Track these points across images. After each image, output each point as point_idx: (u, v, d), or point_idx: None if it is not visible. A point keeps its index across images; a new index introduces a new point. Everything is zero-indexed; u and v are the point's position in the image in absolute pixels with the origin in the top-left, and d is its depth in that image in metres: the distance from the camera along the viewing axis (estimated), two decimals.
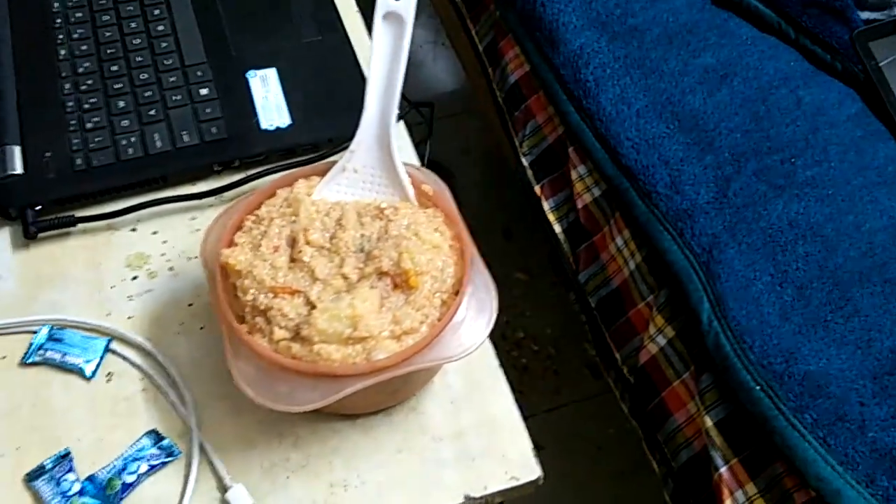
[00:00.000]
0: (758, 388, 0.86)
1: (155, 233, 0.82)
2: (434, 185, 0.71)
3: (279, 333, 0.63)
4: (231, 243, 0.68)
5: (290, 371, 0.62)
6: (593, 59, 1.13)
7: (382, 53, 0.68)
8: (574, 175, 1.13)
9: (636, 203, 1.03)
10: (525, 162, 1.22)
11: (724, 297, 0.92)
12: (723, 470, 0.88)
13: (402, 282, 0.65)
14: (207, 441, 0.70)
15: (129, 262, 0.80)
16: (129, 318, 0.77)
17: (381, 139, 0.70)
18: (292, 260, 0.66)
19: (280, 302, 0.64)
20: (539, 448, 0.70)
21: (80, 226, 0.81)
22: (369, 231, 0.67)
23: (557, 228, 1.17)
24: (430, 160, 1.52)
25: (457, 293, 0.66)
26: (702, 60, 1.12)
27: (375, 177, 0.71)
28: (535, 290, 1.66)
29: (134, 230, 0.82)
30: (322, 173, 0.71)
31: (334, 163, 0.71)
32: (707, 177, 1.02)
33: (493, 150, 1.60)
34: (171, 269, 0.79)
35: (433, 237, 0.67)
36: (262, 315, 0.65)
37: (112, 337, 0.75)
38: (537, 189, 1.20)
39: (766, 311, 0.90)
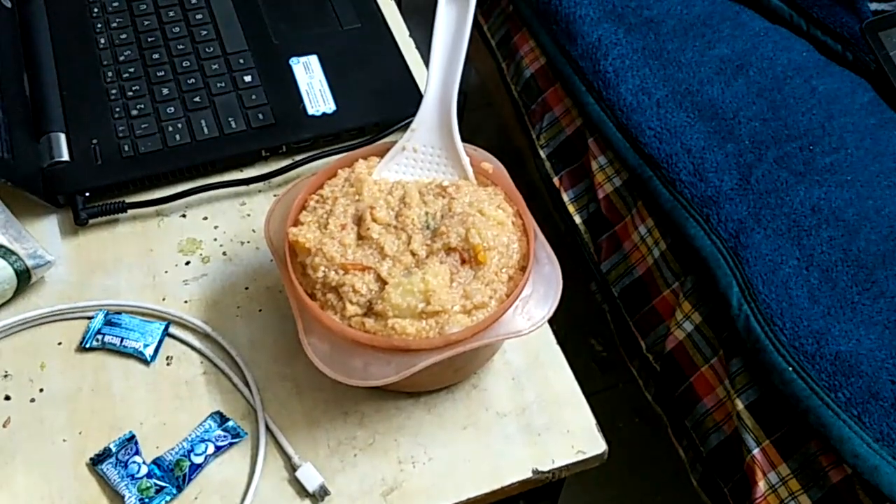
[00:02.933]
0: (790, 369, 0.88)
1: (205, 218, 0.82)
2: (493, 163, 0.72)
3: (351, 309, 0.64)
4: (297, 222, 0.69)
5: (364, 346, 0.63)
6: (612, 51, 1.15)
7: (445, 33, 0.69)
8: (594, 165, 1.14)
9: (661, 191, 1.04)
10: (543, 154, 1.23)
11: (753, 282, 0.94)
12: (755, 452, 0.90)
13: (470, 257, 0.65)
14: (272, 421, 0.70)
15: (181, 247, 0.80)
16: (185, 301, 0.77)
17: (443, 118, 0.71)
18: (360, 237, 0.67)
19: (351, 278, 0.65)
20: None
21: (130, 212, 0.81)
22: (433, 209, 0.68)
23: (578, 219, 1.18)
24: None
25: (523, 269, 0.67)
26: (717, 51, 1.14)
27: (435, 156, 0.71)
28: None
29: (184, 216, 0.82)
30: (381, 154, 0.72)
31: (392, 143, 0.72)
32: (729, 164, 1.03)
33: (504, 147, 1.61)
34: (224, 253, 0.80)
35: (497, 214, 0.68)
36: (333, 292, 0.65)
37: (170, 321, 0.75)
38: (556, 181, 1.21)
39: (794, 294, 0.92)
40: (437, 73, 0.70)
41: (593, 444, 0.69)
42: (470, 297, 0.64)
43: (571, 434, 0.70)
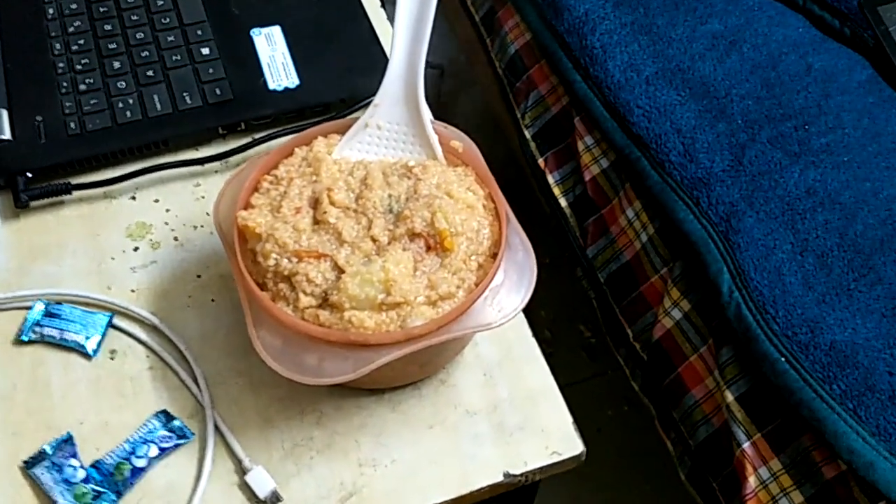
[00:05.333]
0: (782, 359, 0.83)
1: (156, 201, 0.76)
2: (463, 141, 0.67)
3: (305, 300, 0.59)
4: (248, 205, 0.63)
5: (319, 340, 0.58)
6: (599, 26, 1.10)
7: None
8: (580, 146, 1.10)
9: (649, 173, 1.00)
10: (528, 134, 1.19)
11: (745, 268, 0.89)
12: (745, 446, 0.86)
13: (436, 244, 0.60)
14: (222, 421, 0.65)
15: (129, 232, 0.74)
16: (132, 291, 0.71)
17: (408, 92, 0.65)
18: (316, 222, 0.62)
19: (305, 267, 0.59)
20: None
21: (76, 193, 0.76)
22: (397, 191, 0.63)
23: (563, 202, 1.13)
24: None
25: (494, 256, 0.61)
26: (709, 27, 1.09)
27: (401, 133, 0.66)
28: None
29: (133, 198, 0.77)
30: (342, 131, 0.67)
31: (355, 120, 0.66)
32: (721, 144, 0.99)
33: (487, 126, 1.56)
34: (175, 238, 0.74)
35: (466, 196, 0.63)
36: (285, 281, 0.60)
37: (114, 312, 0.70)
38: (541, 162, 1.16)
39: (788, 281, 0.88)
40: (403, 42, 0.65)
41: (570, 444, 0.64)
42: (435, 286, 0.59)
43: (546, 434, 0.65)
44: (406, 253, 0.59)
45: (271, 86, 0.81)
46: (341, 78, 0.82)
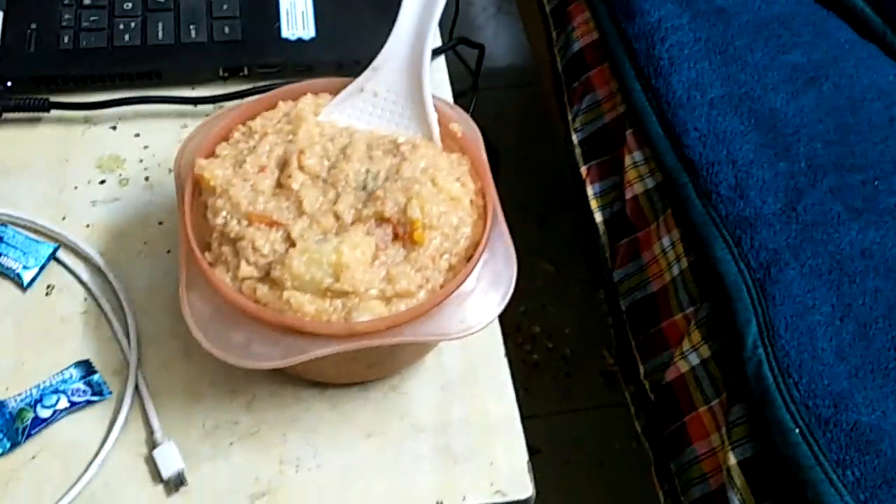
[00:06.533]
0: (797, 430, 0.76)
1: (137, 135, 0.71)
2: (465, 125, 0.59)
3: (246, 270, 0.52)
4: (212, 154, 0.57)
5: (250, 317, 0.51)
6: (671, 36, 1.02)
7: None
8: (628, 161, 1.03)
9: (693, 202, 0.92)
10: (575, 139, 1.12)
11: (776, 323, 0.82)
12: None
13: (404, 233, 0.53)
14: (145, 385, 0.59)
15: (100, 162, 0.69)
16: (86, 225, 0.66)
17: (413, 60, 0.58)
18: (279, 185, 0.55)
19: (254, 232, 0.53)
20: (535, 452, 0.59)
21: (54, 112, 0.71)
22: (377, 167, 0.56)
23: (598, 217, 1.06)
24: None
25: (469, 258, 0.54)
26: (791, 57, 1.01)
27: (397, 105, 0.59)
28: (560, 285, 1.55)
29: (114, 128, 0.71)
30: (335, 91, 0.60)
31: (350, 81, 0.59)
32: (777, 185, 0.91)
33: (543, 131, 1.49)
34: (146, 178, 0.68)
35: (452, 187, 0.55)
36: (230, 244, 0.53)
37: (61, 244, 0.64)
38: (583, 170, 1.09)
39: (820, 346, 0.80)
40: (413, 3, 0.57)
41: (518, 486, 0.56)
42: (393, 281, 0.52)
43: (495, 468, 0.57)
44: (368, 238, 0.52)
45: (284, 34, 0.75)
46: (361, 39, 0.75)
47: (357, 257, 0.51)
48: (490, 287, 0.54)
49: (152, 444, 0.56)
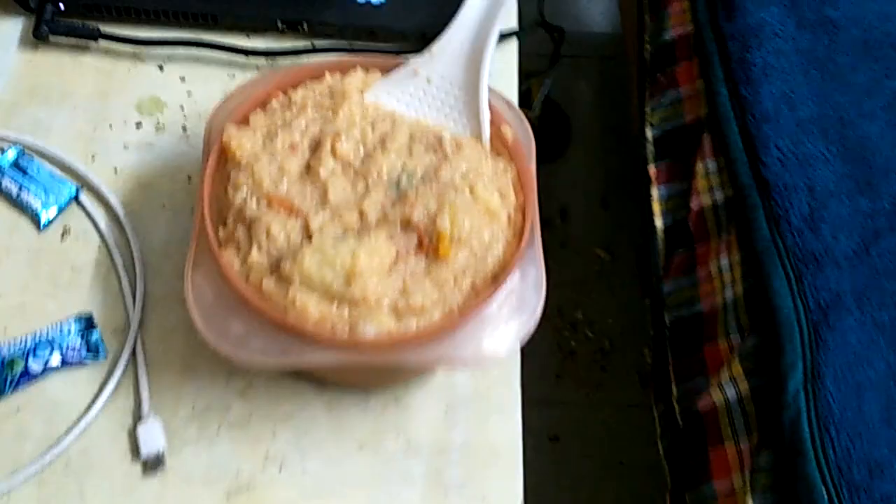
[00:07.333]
0: (825, 492, 0.72)
1: (182, 79, 0.68)
2: (518, 129, 0.55)
3: (257, 257, 0.49)
4: (245, 121, 0.53)
5: (252, 309, 0.48)
6: (769, 41, 0.96)
7: None
8: (700, 168, 0.97)
9: (760, 226, 0.87)
10: (648, 134, 1.06)
11: (823, 372, 0.77)
12: None
13: (430, 244, 0.49)
14: (143, 350, 0.56)
15: (140, 103, 0.66)
16: (114, 168, 0.63)
17: (474, 49, 0.53)
18: (307, 168, 0.51)
19: (272, 217, 0.49)
20: (554, 439, 0.55)
21: (102, 43, 0.68)
22: (415, 163, 0.52)
23: (658, 222, 1.01)
24: (548, 97, 1.35)
25: (495, 278, 0.50)
26: None
27: (450, 95, 0.55)
28: (611, 274, 1.50)
29: (161, 68, 0.68)
30: (386, 70, 0.56)
31: (404, 61, 0.55)
32: (854, 222, 0.85)
33: (621, 108, 1.42)
34: (184, 129, 0.65)
35: (491, 199, 0.51)
36: (245, 225, 0.50)
37: (84, 185, 0.61)
38: (651, 169, 1.04)
39: (866, 407, 0.76)
40: None
41: None
42: (408, 294, 0.48)
43: (486, 503, 0.54)
44: (389, 244, 0.48)
45: None
46: (432, 11, 0.70)
47: (374, 264, 0.47)
48: (512, 315, 0.49)
49: (138, 417, 0.54)
